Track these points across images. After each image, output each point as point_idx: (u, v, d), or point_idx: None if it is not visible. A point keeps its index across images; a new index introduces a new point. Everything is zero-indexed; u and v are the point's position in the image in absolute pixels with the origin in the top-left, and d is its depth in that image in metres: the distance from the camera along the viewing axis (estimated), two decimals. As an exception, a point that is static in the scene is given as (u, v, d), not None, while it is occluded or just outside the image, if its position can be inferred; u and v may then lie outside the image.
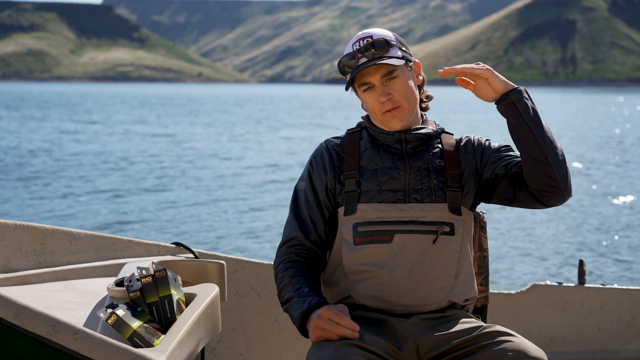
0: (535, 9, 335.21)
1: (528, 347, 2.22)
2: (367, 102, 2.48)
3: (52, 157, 22.08)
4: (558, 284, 3.63)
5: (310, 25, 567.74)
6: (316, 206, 2.52)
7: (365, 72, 2.44)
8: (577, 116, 51.45)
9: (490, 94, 2.39)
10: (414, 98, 2.49)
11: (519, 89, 2.37)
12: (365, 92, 2.47)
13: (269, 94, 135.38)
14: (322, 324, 2.27)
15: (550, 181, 2.36)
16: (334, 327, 2.25)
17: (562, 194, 2.39)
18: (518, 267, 9.23)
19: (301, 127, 38.51)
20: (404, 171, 2.46)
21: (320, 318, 2.28)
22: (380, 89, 2.44)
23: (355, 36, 2.50)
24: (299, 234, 2.52)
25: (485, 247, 2.76)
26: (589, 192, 16.05)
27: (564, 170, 2.38)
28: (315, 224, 2.51)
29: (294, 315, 2.39)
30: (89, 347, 2.06)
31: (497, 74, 2.38)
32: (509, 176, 2.45)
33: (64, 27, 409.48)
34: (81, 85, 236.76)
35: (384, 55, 2.43)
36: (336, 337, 2.24)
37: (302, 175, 2.59)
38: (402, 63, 2.45)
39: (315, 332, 2.28)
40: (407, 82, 2.47)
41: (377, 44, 2.43)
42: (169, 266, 3.06)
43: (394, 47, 2.46)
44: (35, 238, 2.86)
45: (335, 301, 2.50)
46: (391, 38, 2.47)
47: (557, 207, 2.80)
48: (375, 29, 2.49)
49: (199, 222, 12.18)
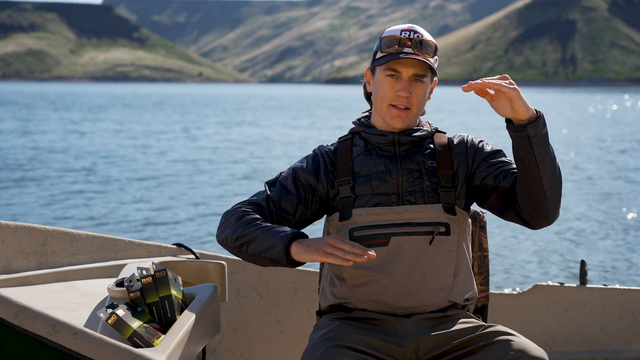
0: (535, 9, 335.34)
1: (529, 347, 2.22)
2: (383, 86, 2.47)
3: (52, 156, 22.08)
4: (560, 284, 3.63)
5: (310, 25, 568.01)
6: (291, 195, 2.49)
7: (404, 61, 2.43)
8: (576, 115, 51.49)
9: (507, 112, 2.27)
10: (422, 108, 2.52)
11: (537, 121, 2.25)
12: (388, 78, 2.46)
13: (272, 93, 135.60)
14: (336, 243, 2.23)
15: (542, 211, 2.35)
16: (343, 253, 2.22)
17: (549, 221, 2.38)
18: (519, 267, 9.23)
19: (308, 128, 38.51)
20: (396, 174, 2.46)
21: (328, 241, 2.25)
22: (405, 83, 2.44)
23: (405, 25, 2.49)
24: (264, 203, 2.49)
25: (486, 247, 2.76)
26: (590, 191, 16.06)
27: (557, 201, 2.36)
28: (284, 209, 2.48)
29: (279, 234, 2.33)
30: (89, 347, 2.06)
31: (522, 97, 2.25)
32: (498, 191, 2.43)
33: (64, 27, 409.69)
34: (81, 85, 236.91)
35: (428, 59, 2.45)
36: (345, 262, 2.21)
37: (290, 167, 2.57)
38: (434, 75, 2.50)
39: (325, 249, 2.24)
40: (426, 92, 2.49)
41: (427, 45, 2.45)
42: (170, 267, 3.06)
43: (435, 57, 2.49)
44: (36, 239, 2.86)
45: (335, 305, 2.49)
46: (436, 48, 2.50)
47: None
48: (425, 32, 2.49)
49: (199, 223, 12.18)
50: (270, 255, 2.34)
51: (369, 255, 2.20)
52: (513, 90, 2.23)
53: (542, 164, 2.29)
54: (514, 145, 2.31)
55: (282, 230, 2.34)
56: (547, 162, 2.30)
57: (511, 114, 2.27)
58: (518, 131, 2.26)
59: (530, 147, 2.26)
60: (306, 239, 2.31)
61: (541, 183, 2.30)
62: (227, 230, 2.44)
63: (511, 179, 2.42)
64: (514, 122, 2.28)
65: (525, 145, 2.27)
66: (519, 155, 2.30)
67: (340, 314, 2.46)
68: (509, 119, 2.29)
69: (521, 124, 2.26)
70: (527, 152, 2.28)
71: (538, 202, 2.33)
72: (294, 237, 2.31)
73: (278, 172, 2.60)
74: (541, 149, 2.28)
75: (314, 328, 2.47)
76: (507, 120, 2.30)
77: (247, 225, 2.40)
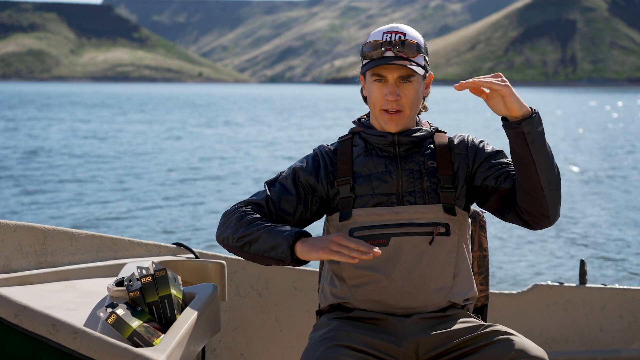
0: (535, 9, 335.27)
1: (529, 347, 2.22)
2: (372, 92, 2.46)
3: (52, 157, 22.08)
4: (559, 284, 3.63)
5: (310, 25, 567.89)
6: (291, 195, 2.49)
7: (385, 65, 2.41)
8: (576, 115, 51.48)
9: (501, 109, 2.28)
10: (417, 107, 2.48)
11: (531, 117, 2.26)
12: (375, 83, 2.44)
13: (271, 93, 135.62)
14: (340, 241, 2.24)
15: (542, 210, 2.34)
16: (348, 250, 2.23)
17: (550, 222, 2.38)
18: (519, 267, 9.23)
19: (310, 128, 38.52)
20: (396, 175, 2.45)
21: (333, 238, 2.25)
22: (392, 87, 2.42)
23: (388, 26, 2.47)
24: (263, 203, 2.49)
25: (485, 247, 2.76)
26: (590, 191, 16.05)
27: (557, 200, 2.36)
28: (284, 209, 2.49)
29: (283, 234, 2.33)
30: (88, 346, 2.06)
31: (514, 93, 2.26)
32: (499, 192, 2.42)
33: (64, 27, 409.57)
34: (81, 85, 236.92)
35: (411, 59, 2.41)
36: (351, 259, 2.22)
37: (290, 167, 2.57)
38: (422, 72, 2.45)
39: (330, 246, 2.24)
40: (418, 91, 2.45)
41: (409, 45, 2.41)
42: (170, 266, 3.06)
43: (420, 54, 2.44)
44: (36, 238, 2.86)
45: (334, 305, 2.50)
46: (422, 44, 2.46)
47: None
48: (409, 28, 2.46)
49: (199, 223, 12.18)
50: (274, 255, 2.34)
51: (374, 252, 2.20)
52: (505, 87, 2.25)
53: (539, 162, 2.29)
54: (510, 143, 2.31)
55: (286, 230, 2.34)
56: (544, 160, 2.30)
57: (505, 111, 2.28)
58: (513, 128, 2.27)
59: (525, 144, 2.27)
60: (310, 238, 2.32)
61: (539, 181, 2.30)
62: (228, 230, 2.44)
63: (512, 180, 2.41)
64: (509, 119, 2.29)
65: (520, 142, 2.27)
66: (515, 153, 2.31)
67: (340, 313, 2.46)
68: (505, 117, 2.30)
69: (515, 121, 2.27)
70: (523, 150, 2.28)
71: (537, 201, 2.33)
72: (298, 236, 2.32)
73: (278, 172, 2.60)
74: (537, 146, 2.28)
75: (313, 327, 2.47)
76: (503, 118, 2.31)
77: (249, 225, 2.40)
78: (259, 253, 2.37)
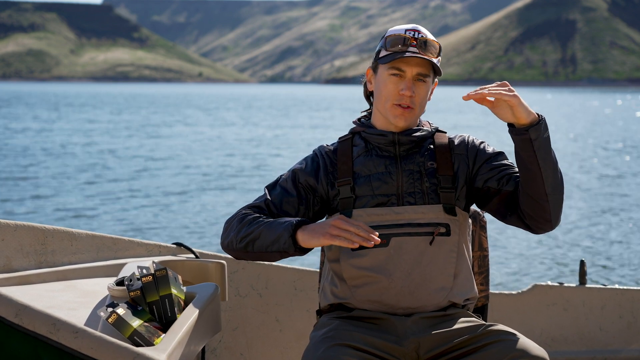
0: (535, 9, 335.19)
1: (530, 346, 2.22)
2: (387, 85, 2.46)
3: (52, 157, 22.08)
4: (559, 284, 3.63)
5: (310, 25, 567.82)
6: (292, 197, 2.50)
7: (408, 60, 2.43)
8: (576, 116, 51.48)
9: (509, 117, 2.28)
10: (424, 108, 2.52)
11: (538, 124, 2.27)
12: (392, 77, 2.45)
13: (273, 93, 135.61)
14: (340, 224, 2.25)
15: (544, 215, 2.35)
16: (349, 234, 2.23)
17: (552, 226, 2.39)
18: (519, 267, 9.23)
19: (312, 128, 38.51)
20: (396, 175, 2.46)
21: (332, 222, 2.26)
22: (409, 82, 2.44)
23: (409, 25, 2.50)
24: (264, 206, 2.50)
25: (486, 247, 2.77)
26: (590, 191, 16.05)
27: (560, 206, 2.37)
28: (285, 211, 2.49)
29: (283, 225, 2.35)
30: (89, 345, 2.06)
31: (523, 103, 2.26)
32: (501, 195, 2.43)
33: (64, 27, 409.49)
34: (81, 85, 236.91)
35: (431, 59, 2.45)
36: (352, 244, 2.23)
37: (290, 169, 2.58)
38: (437, 75, 2.51)
39: (331, 231, 2.26)
40: (427, 92, 2.49)
41: (431, 45, 2.46)
42: (170, 266, 3.06)
43: (438, 58, 2.49)
44: (36, 238, 2.86)
45: (335, 304, 2.50)
46: (440, 49, 2.51)
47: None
48: (429, 33, 2.49)
49: (199, 223, 12.17)
50: (277, 248, 2.35)
51: (374, 240, 2.21)
52: (513, 97, 2.25)
53: (544, 167, 2.30)
54: (516, 148, 2.32)
55: (285, 221, 2.36)
56: (549, 166, 2.31)
57: (513, 119, 2.28)
58: (520, 134, 2.28)
59: (532, 150, 2.27)
60: (310, 224, 2.33)
61: (543, 186, 2.31)
62: (231, 233, 2.45)
63: (514, 183, 2.42)
64: (516, 125, 2.29)
65: (527, 148, 2.28)
66: (521, 158, 2.31)
67: (341, 313, 2.46)
68: (512, 124, 2.31)
69: (523, 127, 2.27)
70: (529, 155, 2.29)
71: (540, 206, 2.33)
72: (298, 224, 2.33)
73: (278, 175, 2.61)
74: (543, 152, 2.29)
75: (314, 327, 2.48)
76: (509, 124, 2.31)
77: (250, 224, 2.42)
78: (262, 249, 2.39)
